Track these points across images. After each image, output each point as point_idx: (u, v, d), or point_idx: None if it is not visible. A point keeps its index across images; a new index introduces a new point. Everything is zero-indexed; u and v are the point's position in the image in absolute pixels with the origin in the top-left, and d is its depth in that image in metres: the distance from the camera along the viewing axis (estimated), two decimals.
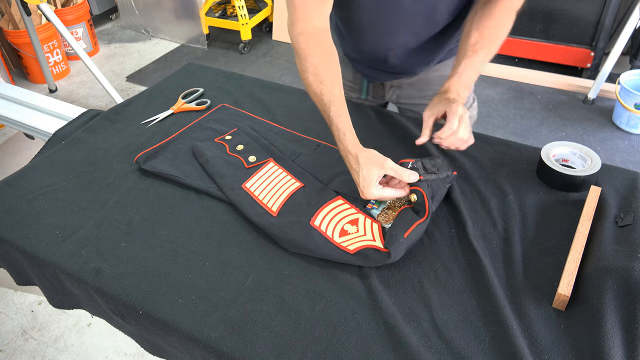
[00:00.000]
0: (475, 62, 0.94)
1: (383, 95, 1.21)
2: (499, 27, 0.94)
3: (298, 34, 0.91)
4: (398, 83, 1.16)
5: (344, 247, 0.81)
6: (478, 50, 0.93)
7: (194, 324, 0.73)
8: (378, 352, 0.68)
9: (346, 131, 0.88)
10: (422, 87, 1.16)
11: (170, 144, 1.08)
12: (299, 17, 0.91)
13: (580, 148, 0.97)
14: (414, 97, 1.18)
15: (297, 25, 0.91)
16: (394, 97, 1.20)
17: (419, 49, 1.04)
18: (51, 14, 2.43)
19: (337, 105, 0.89)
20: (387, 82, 1.17)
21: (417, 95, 1.17)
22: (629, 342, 0.66)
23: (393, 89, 1.18)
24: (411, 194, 0.86)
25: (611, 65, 2.49)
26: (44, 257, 0.85)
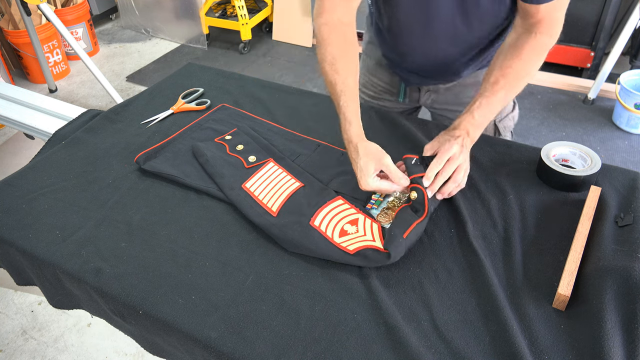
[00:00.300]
0: (493, 102, 0.91)
1: (418, 99, 1.19)
2: (525, 67, 0.91)
3: (322, 24, 0.94)
4: (435, 88, 1.15)
5: (344, 247, 0.81)
6: (497, 91, 0.91)
7: (194, 324, 0.73)
8: (378, 352, 0.68)
9: (352, 121, 0.90)
10: (459, 93, 1.14)
11: (170, 144, 1.08)
12: (325, 8, 0.94)
13: (580, 148, 0.97)
14: (450, 103, 1.17)
15: (322, 16, 0.94)
16: (429, 101, 1.18)
17: (456, 55, 1.02)
18: (51, 14, 2.43)
19: (348, 95, 0.91)
20: (424, 86, 1.16)
21: (453, 101, 1.16)
22: (629, 342, 0.66)
23: (429, 93, 1.16)
24: (411, 191, 0.87)
25: (611, 65, 2.49)
26: (44, 257, 0.85)
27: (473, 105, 0.92)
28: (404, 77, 1.14)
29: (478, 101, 0.91)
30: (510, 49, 0.91)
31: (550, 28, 0.90)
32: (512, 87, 0.91)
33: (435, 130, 1.10)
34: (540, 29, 0.89)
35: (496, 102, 0.91)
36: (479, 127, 0.92)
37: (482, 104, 0.91)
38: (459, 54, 1.02)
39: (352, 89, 0.92)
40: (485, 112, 0.91)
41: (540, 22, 0.89)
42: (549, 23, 0.89)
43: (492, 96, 0.91)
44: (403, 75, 1.13)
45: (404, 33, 1.02)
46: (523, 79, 0.92)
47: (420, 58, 1.05)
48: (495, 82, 0.91)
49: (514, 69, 0.90)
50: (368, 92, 1.25)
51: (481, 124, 0.92)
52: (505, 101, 0.92)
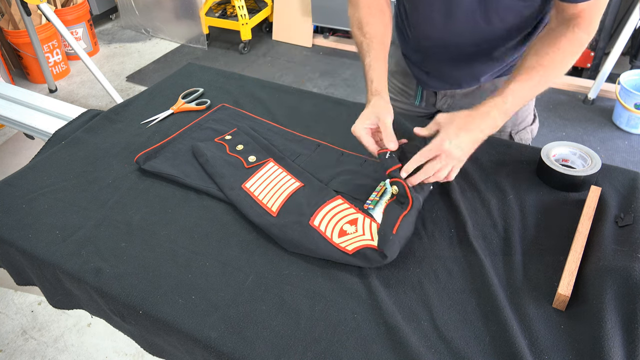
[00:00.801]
0: (527, 87, 0.86)
1: (434, 103, 1.17)
2: (563, 57, 0.86)
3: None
4: (452, 93, 1.13)
5: (343, 247, 0.81)
6: (532, 77, 0.85)
7: (194, 324, 0.73)
8: (378, 352, 0.68)
9: (373, 79, 0.93)
10: (476, 100, 1.10)
11: (170, 144, 1.08)
12: None
13: (580, 148, 0.97)
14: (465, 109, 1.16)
15: None
16: (445, 106, 1.17)
17: (475, 54, 1.01)
18: (51, 14, 2.43)
19: (372, 56, 0.94)
20: (441, 90, 1.14)
21: (469, 107, 1.14)
22: (629, 342, 0.66)
23: (445, 98, 1.15)
24: (392, 186, 0.87)
25: (611, 65, 2.49)
26: (44, 257, 0.85)
27: (507, 89, 0.85)
28: (422, 80, 1.13)
29: (511, 85, 0.85)
30: (546, 38, 0.87)
31: (588, 25, 0.86)
32: (549, 75, 0.86)
33: None
34: (578, 24, 0.86)
35: (530, 87, 0.86)
36: (508, 113, 0.86)
37: (516, 88, 0.85)
38: (478, 53, 1.00)
39: (377, 49, 0.95)
40: (518, 98, 0.86)
41: (578, 17, 0.85)
42: (587, 20, 0.85)
43: (528, 80, 0.85)
44: (421, 78, 1.13)
45: (424, 26, 1.01)
46: (560, 69, 0.86)
47: (439, 55, 1.04)
48: (531, 66, 0.85)
49: (552, 56, 0.85)
50: None
51: (509, 111, 0.86)
52: (540, 88, 0.87)
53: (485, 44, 0.98)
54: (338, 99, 1.23)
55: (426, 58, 1.08)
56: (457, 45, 1.00)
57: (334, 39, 3.41)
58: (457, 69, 1.06)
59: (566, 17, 0.86)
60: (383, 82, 0.94)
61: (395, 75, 1.21)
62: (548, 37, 0.87)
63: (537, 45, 0.88)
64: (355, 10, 0.98)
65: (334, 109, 1.19)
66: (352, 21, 0.99)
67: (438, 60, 1.06)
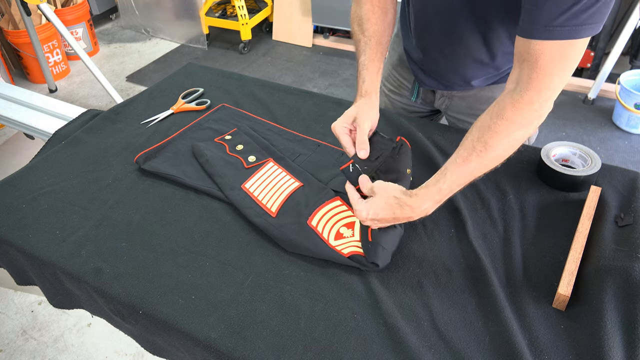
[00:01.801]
0: (462, 174, 0.77)
1: (433, 101, 1.17)
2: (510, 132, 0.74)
3: None
4: (449, 94, 1.13)
5: (339, 250, 0.81)
6: (471, 161, 0.76)
7: (194, 324, 0.73)
8: (378, 351, 0.68)
9: (365, 79, 0.92)
10: (472, 105, 1.12)
11: (170, 144, 1.08)
12: None
13: (580, 148, 0.97)
14: (462, 113, 1.15)
15: None
16: (442, 106, 1.16)
17: (470, 60, 1.00)
18: (51, 14, 2.43)
19: (367, 55, 0.93)
20: (438, 90, 1.14)
21: (466, 111, 1.14)
22: (629, 342, 0.66)
23: (443, 99, 1.14)
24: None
25: (611, 65, 2.49)
26: (44, 257, 0.85)
27: (444, 176, 0.77)
28: (419, 77, 1.13)
29: (449, 172, 0.77)
30: (494, 107, 0.77)
31: (540, 81, 0.71)
32: (491, 154, 0.75)
33: (436, 131, 1.10)
34: (528, 82, 0.72)
35: (467, 174, 0.76)
36: (441, 201, 0.78)
37: (453, 174, 0.76)
38: (467, 55, 0.99)
39: (373, 49, 0.94)
40: (453, 184, 0.77)
41: (530, 72, 0.72)
42: (539, 74, 0.71)
43: (464, 167, 0.76)
44: (418, 74, 1.13)
45: (423, 22, 1.01)
46: (506, 144, 0.75)
47: (433, 54, 1.04)
48: (470, 149, 0.76)
49: (495, 130, 0.74)
50: (388, 86, 1.25)
51: (445, 196, 0.78)
52: (483, 170, 0.77)
53: (481, 52, 0.97)
54: (338, 99, 1.23)
55: (422, 55, 1.08)
56: (448, 42, 1.00)
57: (334, 39, 3.41)
58: (449, 70, 1.05)
59: (520, 68, 0.74)
60: (375, 83, 0.93)
61: (397, 68, 1.21)
62: (496, 104, 0.76)
63: (482, 117, 0.78)
64: (358, 6, 0.97)
65: (334, 109, 1.19)
66: (353, 17, 0.98)
67: (432, 59, 1.06)
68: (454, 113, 1.16)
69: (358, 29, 0.96)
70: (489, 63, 1.01)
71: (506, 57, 0.99)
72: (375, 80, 0.93)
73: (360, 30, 0.96)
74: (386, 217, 0.78)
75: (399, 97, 1.23)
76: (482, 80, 1.05)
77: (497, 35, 0.94)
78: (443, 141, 1.06)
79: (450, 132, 1.10)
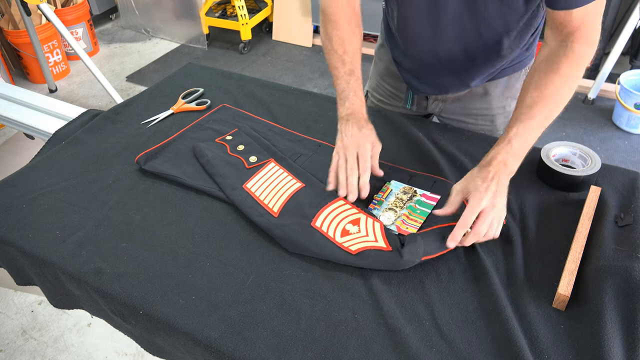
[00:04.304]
0: (531, 128, 0.81)
1: (426, 106, 1.17)
2: (566, 83, 0.81)
3: (330, 4, 0.96)
4: (443, 97, 1.13)
5: (346, 247, 0.81)
6: (535, 115, 0.81)
7: (194, 324, 0.73)
8: (379, 352, 0.68)
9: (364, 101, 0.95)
10: (467, 104, 1.12)
11: (171, 145, 1.08)
12: None
13: (580, 148, 0.97)
14: (457, 114, 1.14)
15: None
16: (437, 110, 1.16)
17: (464, 60, 0.99)
18: (51, 14, 2.43)
19: (357, 75, 0.95)
20: (432, 95, 1.14)
21: (461, 112, 1.14)
22: (629, 342, 0.66)
23: (437, 102, 1.14)
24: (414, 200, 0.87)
25: (611, 65, 2.49)
26: (44, 257, 0.85)
27: (510, 132, 0.82)
28: (412, 85, 1.12)
29: (515, 127, 0.82)
30: (545, 64, 0.83)
31: (587, 36, 0.81)
32: (552, 108, 0.81)
33: (436, 130, 1.10)
34: (576, 38, 0.80)
35: (534, 127, 0.82)
36: (518, 157, 0.82)
37: (520, 130, 0.81)
38: (466, 58, 0.99)
39: (359, 69, 0.95)
40: (523, 141, 0.81)
41: (575, 31, 0.80)
42: (585, 30, 0.80)
43: (530, 120, 0.81)
44: (411, 82, 1.12)
45: (413, 31, 1.00)
46: (564, 97, 0.82)
47: (428, 62, 1.03)
48: (532, 104, 0.81)
49: (554, 85, 0.81)
50: (377, 96, 1.24)
51: (520, 154, 0.82)
52: (544, 125, 0.82)
53: (473, 48, 0.97)
54: None
55: (415, 64, 1.07)
56: (444, 51, 0.99)
57: None
58: (446, 75, 1.05)
59: (562, 34, 0.82)
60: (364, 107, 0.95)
61: (385, 78, 1.20)
62: (547, 63, 0.82)
63: (536, 75, 0.83)
64: (334, 25, 0.95)
65: (334, 109, 1.18)
66: (331, 36, 0.96)
67: (427, 66, 1.05)
68: (448, 115, 1.16)
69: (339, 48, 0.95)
70: (489, 65, 1.01)
71: (503, 56, 1.00)
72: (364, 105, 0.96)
73: (342, 49, 0.95)
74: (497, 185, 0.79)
75: (389, 106, 1.23)
76: (479, 80, 1.06)
77: (496, 38, 0.94)
78: (443, 141, 1.06)
79: (450, 131, 1.10)
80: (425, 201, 0.90)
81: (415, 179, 0.96)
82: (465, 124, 1.14)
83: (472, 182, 0.81)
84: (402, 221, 0.87)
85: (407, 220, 0.87)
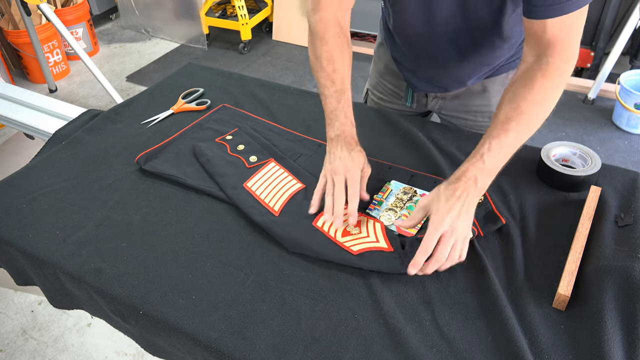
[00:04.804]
0: (505, 144, 0.78)
1: (425, 104, 1.17)
2: (540, 100, 0.78)
3: (317, 21, 0.93)
4: (442, 95, 1.13)
5: (347, 247, 0.81)
6: (509, 131, 0.77)
7: (194, 324, 0.73)
8: (379, 352, 0.68)
9: (353, 122, 0.93)
10: (466, 101, 1.12)
11: (171, 145, 1.08)
12: (321, 6, 0.93)
13: (580, 148, 0.97)
14: (457, 111, 1.15)
15: (318, 13, 0.93)
16: (436, 107, 1.17)
17: (459, 60, 1.00)
18: (51, 14, 2.43)
19: (347, 95, 0.93)
20: (431, 92, 1.14)
21: (460, 109, 1.14)
22: (629, 342, 0.66)
23: (436, 100, 1.15)
24: None
25: (611, 65, 2.49)
26: (44, 257, 0.85)
27: (482, 148, 0.78)
28: (412, 82, 1.12)
29: (487, 143, 0.78)
30: (520, 80, 0.80)
31: (564, 52, 0.77)
32: (527, 124, 0.78)
33: (436, 130, 1.10)
34: (552, 53, 0.77)
35: (508, 143, 0.78)
36: (490, 174, 0.78)
37: (494, 146, 0.78)
38: (462, 58, 1.00)
39: (349, 89, 0.93)
40: (496, 156, 0.78)
41: (551, 45, 0.77)
42: (561, 46, 0.77)
43: (504, 136, 0.78)
44: (410, 80, 1.12)
45: (409, 34, 1.01)
46: (539, 113, 0.79)
47: (425, 62, 1.04)
48: (506, 120, 0.78)
49: (527, 101, 0.78)
50: (377, 94, 1.25)
51: (492, 171, 0.78)
52: (521, 141, 0.79)
53: (467, 50, 0.98)
54: None
55: (414, 63, 1.08)
56: (440, 53, 1.00)
57: None
58: (444, 74, 1.06)
59: (538, 48, 0.78)
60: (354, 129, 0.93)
61: (385, 76, 1.21)
62: (522, 78, 0.79)
63: (511, 89, 0.80)
64: (322, 44, 0.93)
65: None
66: (320, 55, 0.93)
67: (425, 66, 1.06)
68: (447, 112, 1.17)
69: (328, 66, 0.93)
70: (485, 63, 1.02)
71: (499, 54, 1.00)
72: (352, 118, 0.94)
73: (331, 68, 0.93)
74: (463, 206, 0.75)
75: (389, 104, 1.23)
76: (477, 78, 1.07)
77: (489, 36, 0.94)
78: (443, 140, 1.06)
79: (450, 131, 1.10)
80: None
81: (415, 178, 0.96)
82: (465, 120, 1.15)
83: (436, 200, 0.77)
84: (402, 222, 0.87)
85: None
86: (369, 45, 3.20)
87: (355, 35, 3.32)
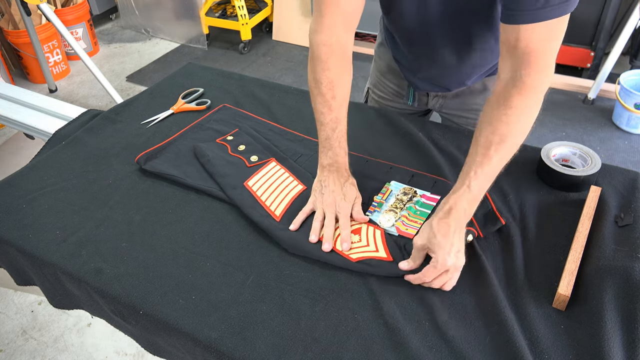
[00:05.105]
0: (489, 171, 0.77)
1: (426, 102, 1.17)
2: (518, 119, 0.76)
3: (320, 43, 0.88)
4: (443, 93, 1.13)
5: (346, 255, 0.81)
6: (492, 156, 0.77)
7: (194, 324, 0.73)
8: (378, 352, 0.68)
9: (347, 152, 0.92)
10: (467, 99, 1.13)
11: (171, 145, 1.08)
12: (325, 26, 0.88)
13: (580, 148, 0.97)
14: (458, 109, 1.15)
15: (321, 34, 0.88)
16: (437, 106, 1.17)
17: (457, 62, 1.00)
18: (51, 14, 2.43)
19: (343, 124, 0.91)
20: (432, 92, 1.14)
21: (461, 107, 1.14)
22: (629, 342, 0.66)
23: (437, 98, 1.15)
24: None
25: (611, 65, 2.49)
26: (44, 257, 0.85)
27: (468, 176, 0.78)
28: (413, 82, 1.13)
29: (472, 171, 0.78)
30: (496, 99, 0.78)
31: (538, 64, 0.74)
32: (508, 145, 0.77)
33: (436, 130, 1.10)
34: (526, 66, 0.74)
35: (492, 169, 0.78)
36: (477, 199, 0.79)
37: (478, 173, 0.77)
38: (459, 59, 1.00)
39: (345, 117, 0.92)
40: (482, 182, 0.78)
41: (525, 56, 0.74)
42: (535, 57, 0.74)
43: (487, 162, 0.77)
44: (412, 80, 1.13)
45: (407, 38, 1.02)
46: (519, 132, 0.78)
47: (425, 63, 1.05)
48: (487, 144, 0.77)
49: (505, 122, 0.76)
50: (378, 93, 1.25)
51: (478, 196, 0.79)
52: (504, 162, 0.79)
53: (464, 50, 0.98)
54: None
55: (414, 63, 1.08)
56: (437, 56, 1.00)
57: None
58: (444, 75, 1.06)
59: (513, 60, 0.76)
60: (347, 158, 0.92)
61: (386, 75, 1.21)
62: (498, 97, 0.78)
63: (488, 111, 0.79)
64: (323, 69, 0.89)
65: None
66: (320, 79, 0.89)
67: (425, 66, 1.06)
68: (448, 110, 1.18)
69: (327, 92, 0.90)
70: (483, 64, 1.03)
71: (497, 54, 1.00)
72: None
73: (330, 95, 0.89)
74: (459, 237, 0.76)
75: (391, 102, 1.23)
76: (477, 77, 1.07)
77: (486, 38, 0.95)
78: (443, 140, 1.07)
79: (450, 131, 1.10)
80: (425, 202, 0.90)
81: (416, 178, 0.96)
82: (466, 119, 1.15)
83: (434, 239, 0.76)
84: (402, 222, 0.87)
85: (406, 221, 0.87)
86: (369, 45, 3.20)
87: (355, 35, 3.32)
